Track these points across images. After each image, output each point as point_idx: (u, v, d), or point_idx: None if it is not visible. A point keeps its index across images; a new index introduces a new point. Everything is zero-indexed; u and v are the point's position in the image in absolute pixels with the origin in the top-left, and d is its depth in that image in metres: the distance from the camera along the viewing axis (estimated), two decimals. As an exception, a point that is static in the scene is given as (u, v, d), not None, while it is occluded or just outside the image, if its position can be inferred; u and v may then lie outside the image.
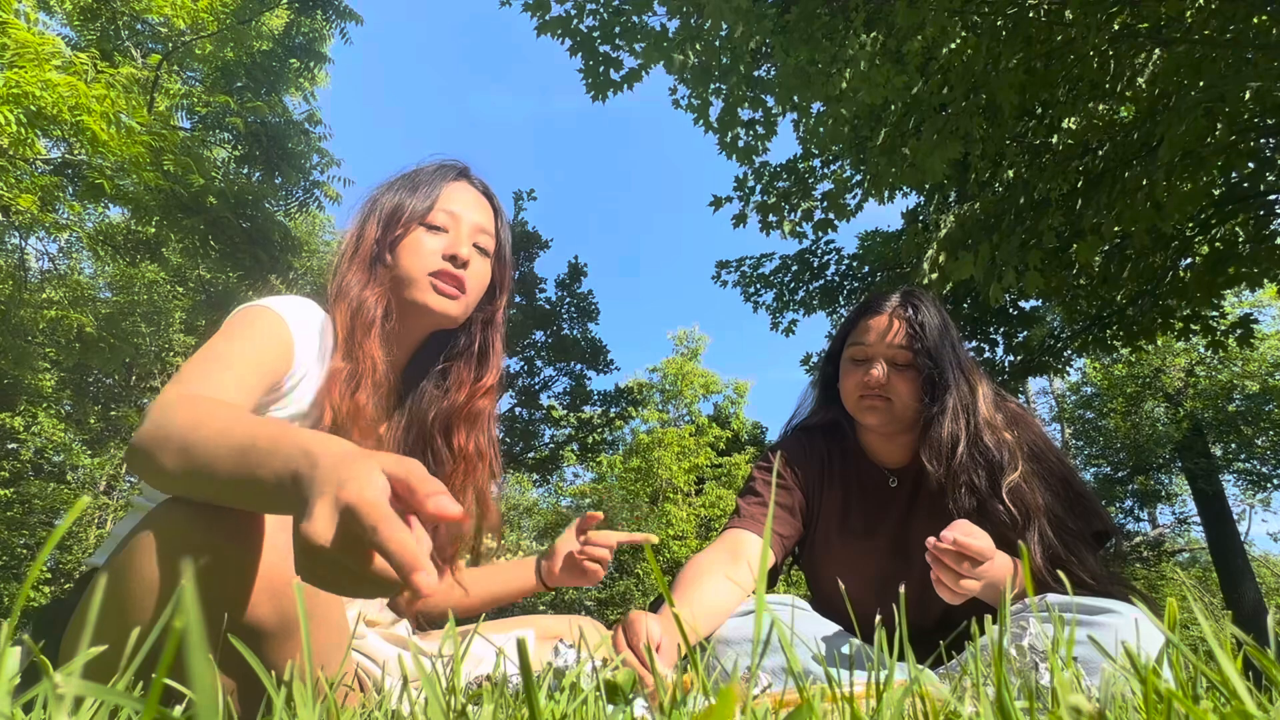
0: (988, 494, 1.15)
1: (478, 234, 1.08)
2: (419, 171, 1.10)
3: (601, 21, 4.66)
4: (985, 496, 1.15)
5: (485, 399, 1.11)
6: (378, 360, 0.99)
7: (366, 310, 1.00)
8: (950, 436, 1.19)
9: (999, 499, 1.13)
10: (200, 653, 0.19)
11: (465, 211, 1.07)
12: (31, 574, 0.27)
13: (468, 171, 1.14)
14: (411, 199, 1.05)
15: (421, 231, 1.05)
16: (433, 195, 1.06)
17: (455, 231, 1.06)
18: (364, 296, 1.01)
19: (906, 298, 1.28)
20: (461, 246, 1.04)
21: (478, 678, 0.88)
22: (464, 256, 1.04)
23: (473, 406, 1.10)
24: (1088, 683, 0.62)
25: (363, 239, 1.06)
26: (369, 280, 1.03)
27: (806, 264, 7.20)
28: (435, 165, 1.12)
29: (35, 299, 8.91)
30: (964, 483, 1.17)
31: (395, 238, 1.04)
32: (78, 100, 4.92)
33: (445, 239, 1.05)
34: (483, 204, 1.11)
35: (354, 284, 1.02)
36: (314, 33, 8.20)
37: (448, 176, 1.10)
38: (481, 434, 1.11)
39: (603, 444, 13.12)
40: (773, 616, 0.38)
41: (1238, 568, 9.36)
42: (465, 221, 1.07)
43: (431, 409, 1.09)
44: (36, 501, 11.42)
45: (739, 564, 1.22)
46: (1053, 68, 3.39)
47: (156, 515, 0.71)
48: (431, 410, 1.09)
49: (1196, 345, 6.96)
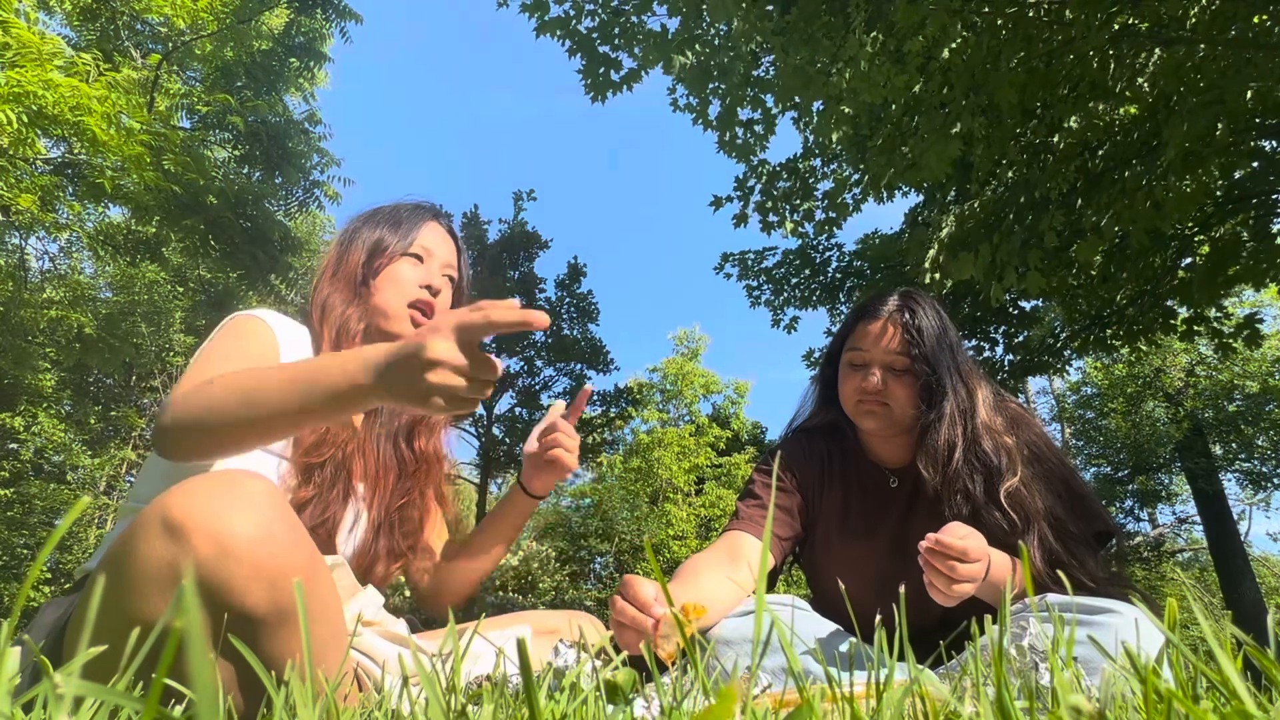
0: (983, 501, 1.15)
1: (446, 268, 1.25)
2: (398, 209, 1.26)
3: (600, 22, 4.67)
4: (981, 504, 1.15)
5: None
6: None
7: (349, 327, 1.14)
8: (946, 444, 1.19)
9: (995, 505, 1.13)
10: (201, 653, 0.19)
11: (437, 248, 1.24)
12: (31, 574, 0.27)
13: (439, 213, 1.30)
14: (394, 234, 1.21)
15: (402, 262, 1.20)
16: (413, 233, 1.22)
17: (429, 265, 1.22)
18: (347, 315, 1.15)
19: (905, 301, 1.27)
20: (435, 278, 1.21)
21: (478, 678, 0.88)
22: (437, 286, 1.20)
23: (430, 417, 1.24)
24: (1088, 683, 0.62)
25: (346, 262, 1.19)
26: (352, 300, 1.16)
27: (808, 259, 7.19)
28: (413, 205, 1.28)
29: (35, 299, 8.91)
30: (960, 489, 1.17)
31: (378, 266, 1.18)
32: (79, 101, 4.92)
33: (421, 271, 1.21)
34: (450, 242, 1.28)
35: (337, 302, 1.15)
36: (314, 32, 8.20)
37: (425, 216, 1.26)
38: (438, 439, 1.26)
39: (603, 444, 13.12)
40: (773, 616, 0.38)
41: (1237, 567, 9.36)
42: (437, 258, 1.23)
43: (395, 420, 1.23)
44: (36, 501, 11.42)
45: (738, 565, 1.22)
46: (1053, 67, 3.38)
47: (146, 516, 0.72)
48: (395, 421, 1.23)
49: (1198, 345, 6.97)
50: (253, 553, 0.69)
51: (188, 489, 0.71)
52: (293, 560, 0.72)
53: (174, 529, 0.69)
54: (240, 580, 0.69)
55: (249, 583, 0.69)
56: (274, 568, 0.70)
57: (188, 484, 0.72)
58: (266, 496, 0.73)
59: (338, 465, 1.07)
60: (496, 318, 0.74)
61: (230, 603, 0.69)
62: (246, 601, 0.69)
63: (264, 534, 0.70)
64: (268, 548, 0.70)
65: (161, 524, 0.69)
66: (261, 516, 0.71)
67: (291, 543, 0.73)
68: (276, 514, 0.73)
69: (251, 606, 0.70)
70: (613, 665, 0.56)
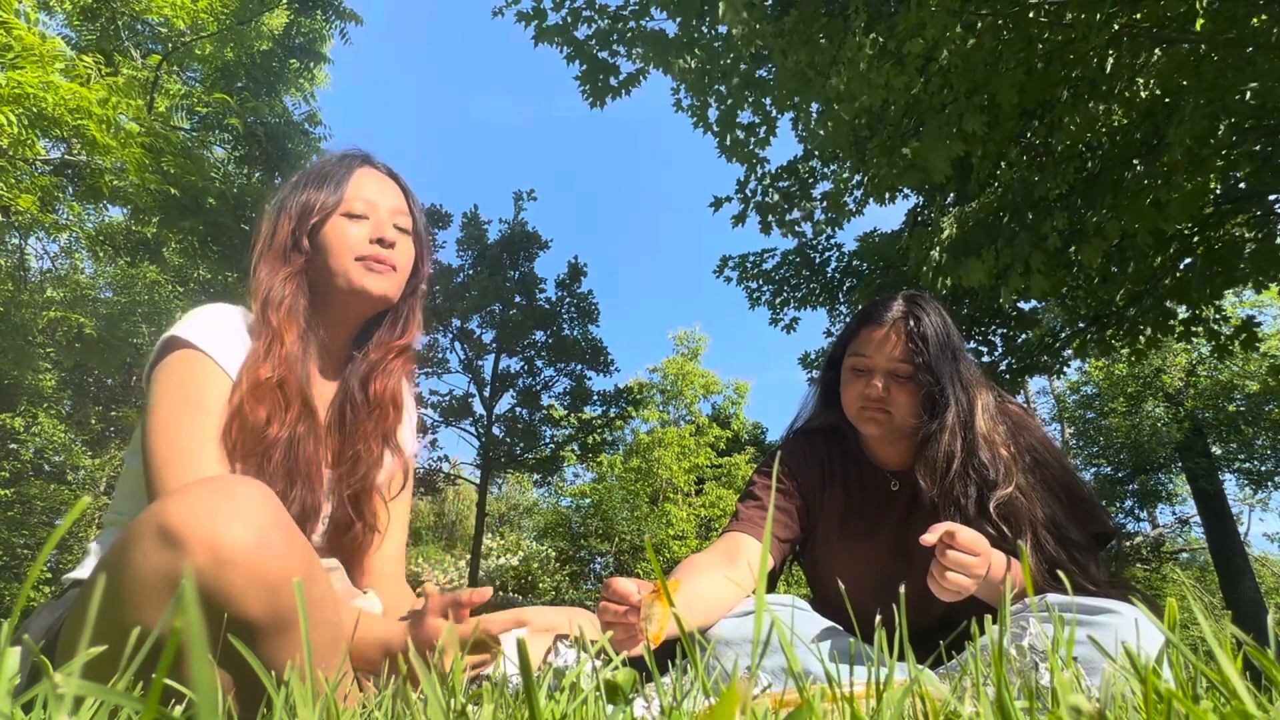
0: (975, 513, 1.16)
1: (396, 215, 1.11)
2: (322, 165, 1.13)
3: (598, 29, 4.67)
4: (972, 516, 1.15)
5: (400, 358, 1.15)
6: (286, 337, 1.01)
7: (274, 293, 1.03)
8: (946, 455, 1.19)
9: (986, 518, 1.14)
10: (201, 654, 0.19)
11: (380, 197, 1.10)
12: (32, 574, 0.27)
13: (371, 158, 1.16)
14: (320, 192, 1.08)
15: (342, 220, 1.07)
16: (343, 185, 1.09)
17: (375, 217, 1.09)
18: (271, 282, 1.04)
19: (910, 307, 1.26)
20: (386, 230, 1.08)
21: (477, 679, 0.88)
22: (390, 238, 1.08)
23: (388, 363, 1.13)
24: (1088, 683, 0.62)
25: (275, 236, 1.08)
26: (279, 268, 1.05)
27: (807, 260, 7.19)
28: (337, 156, 1.15)
29: (35, 299, 8.91)
30: (954, 500, 1.18)
31: (312, 226, 1.07)
32: (78, 103, 4.92)
33: (367, 225, 1.08)
34: (393, 187, 1.14)
35: (264, 275, 1.05)
36: (314, 33, 8.20)
37: (354, 165, 1.12)
38: (396, 383, 1.14)
39: (603, 444, 13.12)
40: (773, 616, 0.38)
41: (1237, 567, 9.36)
42: (382, 207, 1.10)
43: (354, 374, 1.13)
44: (37, 502, 11.42)
45: (737, 566, 1.22)
46: (1053, 68, 3.38)
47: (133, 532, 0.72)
48: (354, 375, 1.13)
49: (1198, 345, 6.95)
50: (250, 560, 0.69)
51: (184, 496, 0.71)
52: (290, 566, 0.71)
53: (170, 537, 0.68)
54: (238, 588, 0.68)
55: (246, 590, 0.68)
56: (271, 574, 0.70)
57: (184, 491, 0.71)
58: (263, 503, 0.72)
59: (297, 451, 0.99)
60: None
61: (228, 610, 0.68)
62: (244, 609, 0.69)
63: (261, 541, 0.70)
64: (265, 555, 0.70)
65: (158, 532, 0.69)
66: (258, 523, 0.71)
67: (289, 549, 0.72)
68: (273, 520, 0.72)
69: (250, 614, 0.69)
70: (613, 665, 0.56)
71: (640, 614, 0.92)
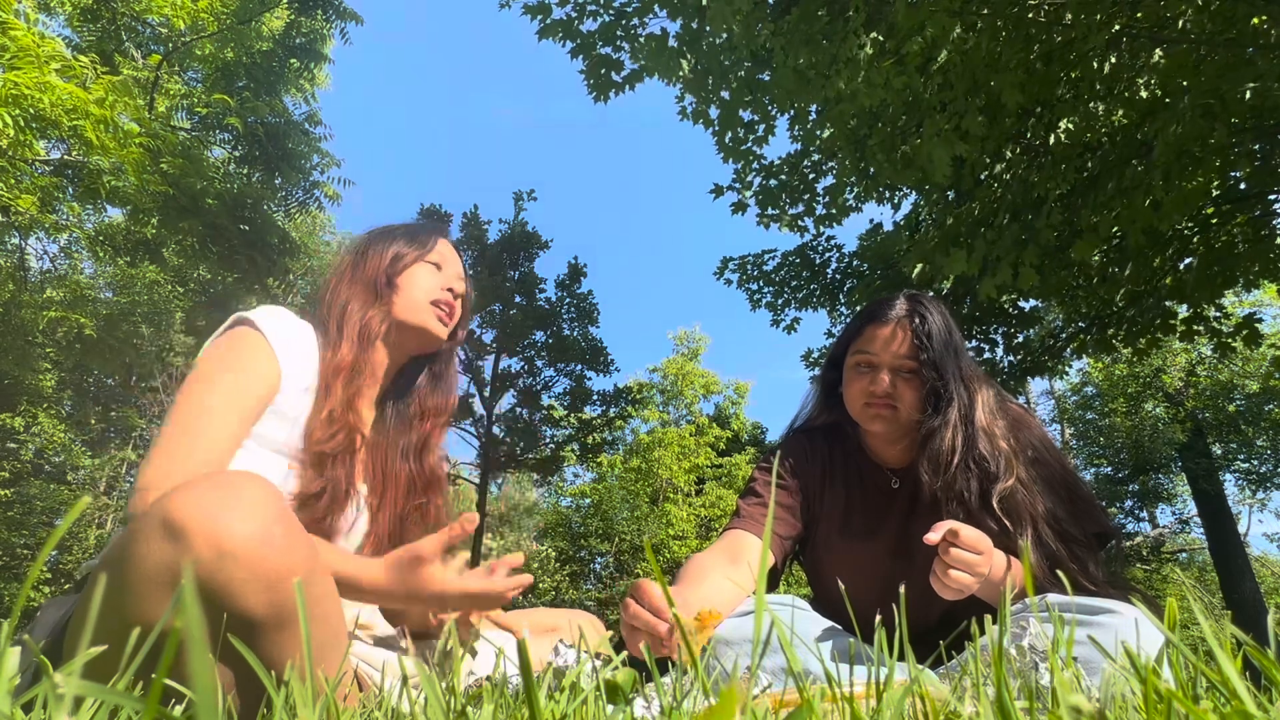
0: (978, 507, 1.16)
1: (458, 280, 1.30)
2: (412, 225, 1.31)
3: (603, 24, 4.67)
4: (974, 509, 1.16)
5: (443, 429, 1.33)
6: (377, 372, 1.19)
7: (371, 329, 1.17)
8: (948, 450, 1.20)
9: (989, 511, 1.14)
10: (201, 653, 0.19)
11: (452, 260, 1.30)
12: (32, 574, 0.27)
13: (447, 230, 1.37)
14: (412, 244, 1.25)
15: (427, 266, 1.25)
16: (430, 243, 1.27)
17: (448, 271, 1.28)
18: (369, 317, 1.18)
19: (913, 305, 1.27)
20: (455, 283, 1.27)
21: (477, 679, 0.88)
22: (459, 290, 1.27)
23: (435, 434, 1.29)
24: (1088, 683, 0.62)
25: (364, 266, 1.22)
26: (372, 303, 1.19)
27: (808, 260, 7.18)
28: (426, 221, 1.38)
29: (35, 299, 8.91)
30: (956, 494, 1.18)
31: (401, 268, 1.22)
32: (75, 104, 4.92)
33: (441, 276, 1.26)
34: (458, 258, 1.34)
35: (357, 306, 1.18)
36: (314, 33, 8.19)
37: (440, 231, 1.32)
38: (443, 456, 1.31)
39: (603, 444, 13.11)
40: (773, 616, 0.38)
41: (1237, 567, 9.37)
42: (452, 267, 1.29)
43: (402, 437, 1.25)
44: (37, 502, 11.42)
45: (738, 565, 1.22)
46: (1053, 68, 3.38)
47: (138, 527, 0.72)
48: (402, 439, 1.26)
49: (1199, 345, 6.96)
50: (251, 555, 0.69)
51: (188, 491, 0.71)
52: (291, 562, 0.72)
53: (174, 530, 0.69)
54: (239, 582, 0.69)
55: (248, 585, 0.69)
56: (273, 570, 0.70)
57: (188, 485, 0.72)
58: (266, 498, 0.73)
59: (348, 463, 1.09)
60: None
61: (229, 605, 0.69)
62: (245, 604, 0.69)
63: (263, 536, 0.70)
64: (267, 550, 0.70)
65: (161, 525, 0.69)
66: (261, 519, 0.71)
67: (290, 545, 0.73)
68: (276, 516, 0.73)
69: (250, 609, 0.69)
70: (613, 665, 0.56)
71: (672, 636, 0.92)
